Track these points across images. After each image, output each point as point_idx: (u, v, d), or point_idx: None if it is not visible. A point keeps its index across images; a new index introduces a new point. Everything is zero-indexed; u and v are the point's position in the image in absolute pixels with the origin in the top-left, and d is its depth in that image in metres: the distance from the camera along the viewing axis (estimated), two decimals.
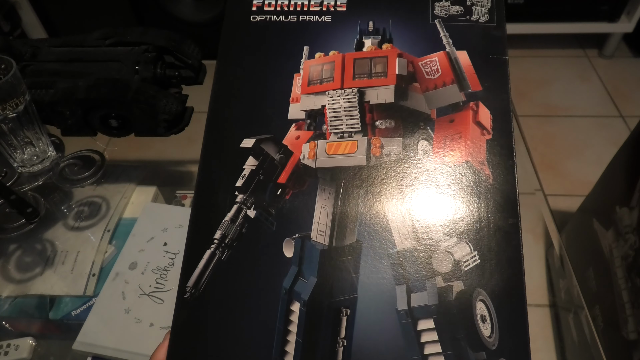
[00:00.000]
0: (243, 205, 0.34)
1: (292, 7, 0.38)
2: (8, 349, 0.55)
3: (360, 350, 0.31)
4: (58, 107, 0.67)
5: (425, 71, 0.35)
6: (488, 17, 0.37)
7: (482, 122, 0.34)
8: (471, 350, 0.30)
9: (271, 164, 0.35)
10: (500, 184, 0.33)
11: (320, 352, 0.32)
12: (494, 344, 0.30)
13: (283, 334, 0.32)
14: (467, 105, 0.35)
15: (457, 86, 0.35)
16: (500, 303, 0.31)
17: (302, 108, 0.36)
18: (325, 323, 0.32)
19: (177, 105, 0.68)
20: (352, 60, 0.35)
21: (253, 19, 0.38)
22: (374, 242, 0.32)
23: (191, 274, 0.32)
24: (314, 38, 0.37)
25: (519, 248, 0.31)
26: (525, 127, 1.73)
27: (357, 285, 0.32)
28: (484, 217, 0.32)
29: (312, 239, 0.33)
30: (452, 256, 0.31)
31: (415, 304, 0.31)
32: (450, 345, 0.30)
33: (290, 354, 0.32)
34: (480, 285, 0.31)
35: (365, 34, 0.37)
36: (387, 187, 0.33)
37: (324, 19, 0.38)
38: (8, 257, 0.62)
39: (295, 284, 0.32)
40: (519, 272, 0.31)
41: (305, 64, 0.36)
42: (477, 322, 0.30)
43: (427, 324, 0.31)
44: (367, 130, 0.34)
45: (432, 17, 0.37)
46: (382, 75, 0.34)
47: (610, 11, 1.83)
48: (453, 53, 0.35)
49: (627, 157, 0.95)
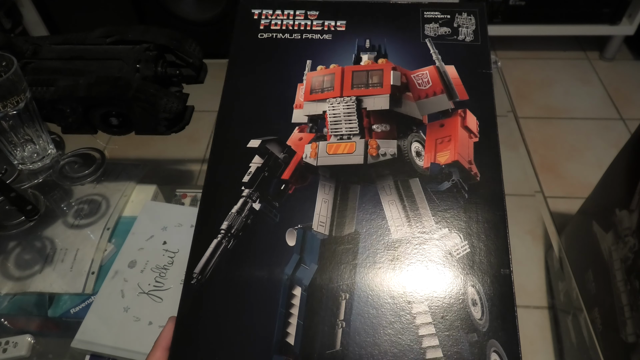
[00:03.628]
0: (249, 199, 0.37)
1: (296, 26, 0.43)
2: (7, 347, 0.55)
3: (358, 332, 0.33)
4: (59, 104, 0.67)
5: (417, 82, 0.39)
6: (473, 37, 0.42)
7: (470, 127, 0.38)
8: (463, 332, 0.32)
9: (276, 162, 0.38)
10: (487, 181, 0.36)
11: (320, 333, 0.34)
12: (485, 326, 0.32)
13: (285, 317, 0.34)
14: (456, 112, 0.38)
15: (446, 95, 0.39)
16: (490, 288, 0.33)
17: (305, 113, 0.39)
18: (325, 306, 0.34)
19: (178, 104, 0.68)
20: (350, 72, 0.39)
21: (260, 37, 0.43)
22: (371, 231, 0.35)
23: (198, 261, 0.35)
24: (316, 53, 0.41)
25: (505, 238, 0.34)
26: (526, 129, 1.73)
27: (355, 272, 0.34)
28: (472, 210, 0.35)
29: (314, 229, 0.36)
30: (443, 245, 0.34)
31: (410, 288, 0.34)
32: (443, 327, 0.32)
33: (292, 335, 0.34)
34: (471, 272, 0.33)
35: (362, 50, 0.41)
36: (382, 184, 0.36)
37: (325, 37, 0.42)
38: (7, 254, 0.62)
39: (297, 271, 0.35)
40: (506, 260, 0.34)
41: (308, 75, 0.40)
42: (468, 305, 0.33)
43: (422, 307, 0.33)
44: (365, 133, 0.38)
45: (423, 37, 0.42)
46: (378, 85, 0.38)
47: (612, 14, 1.83)
48: (442, 67, 0.40)
49: (628, 159, 0.95)
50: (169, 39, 0.71)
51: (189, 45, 0.73)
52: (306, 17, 0.43)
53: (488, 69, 0.40)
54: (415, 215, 0.35)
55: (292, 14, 0.43)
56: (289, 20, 0.43)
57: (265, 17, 0.44)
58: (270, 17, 0.43)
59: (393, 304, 0.33)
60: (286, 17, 0.43)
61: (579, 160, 1.63)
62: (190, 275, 0.34)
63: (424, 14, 0.43)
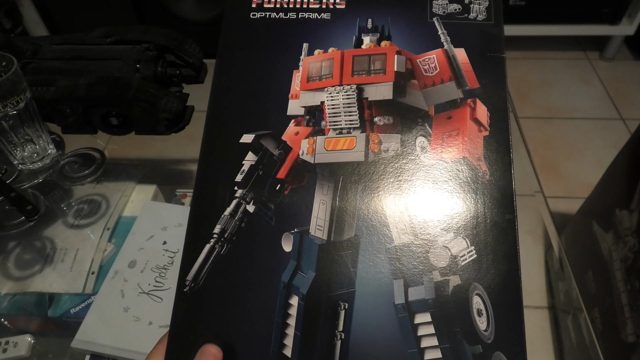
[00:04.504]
0: (242, 200, 0.34)
1: (291, 4, 0.39)
2: (7, 347, 0.55)
3: (358, 344, 0.31)
4: (59, 104, 0.67)
5: (424, 68, 0.35)
6: (486, 15, 0.38)
7: (480, 119, 0.34)
8: (467, 343, 0.30)
9: (270, 159, 0.35)
10: (497, 180, 0.33)
11: (318, 345, 0.32)
12: (490, 338, 0.30)
13: (282, 328, 0.32)
14: (465, 102, 0.35)
15: (454, 83, 0.35)
16: (497, 297, 0.31)
17: (301, 104, 0.36)
18: (324, 317, 0.32)
19: (178, 104, 0.68)
20: (350, 57, 0.35)
21: (253, 16, 0.39)
22: (372, 237, 0.32)
23: (190, 267, 0.33)
24: (313, 35, 0.37)
25: (515, 243, 0.32)
26: (526, 129, 1.72)
27: (355, 280, 0.32)
28: (480, 212, 0.32)
29: (311, 233, 0.33)
30: (449, 251, 0.32)
31: (412, 298, 0.31)
32: (446, 338, 0.31)
33: (289, 347, 0.32)
34: (477, 279, 0.31)
35: (364, 32, 0.37)
36: (385, 183, 0.33)
37: (323, 16, 0.38)
38: (7, 254, 0.62)
39: (293, 278, 0.33)
40: (515, 267, 0.31)
41: (305, 60, 0.37)
42: (473, 316, 0.31)
43: (424, 318, 0.31)
44: (366, 126, 0.35)
45: (431, 15, 0.37)
46: (381, 72, 0.35)
47: (612, 14, 1.83)
48: (451, 50, 0.36)
49: (627, 159, 0.95)
50: (169, 39, 0.71)
51: (189, 45, 0.73)
52: None
53: (501, 53, 0.36)
54: (420, 219, 0.33)
55: None
56: None
57: None
58: None
59: (394, 314, 0.31)
60: None
61: (579, 160, 1.63)
62: (182, 282, 0.32)
63: None
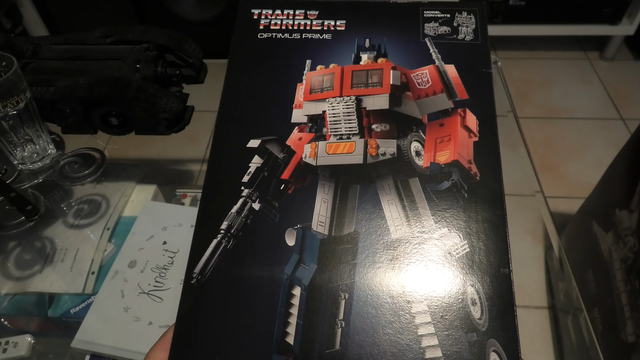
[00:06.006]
0: (248, 199, 0.37)
1: (296, 26, 0.43)
2: (7, 347, 0.55)
3: (357, 332, 0.33)
4: (59, 104, 0.67)
5: (417, 82, 0.39)
6: (473, 36, 0.42)
7: (469, 126, 0.38)
8: (462, 331, 0.32)
9: (275, 162, 0.38)
10: (487, 181, 0.36)
11: (319, 333, 0.34)
12: (484, 326, 0.32)
13: (284, 317, 0.34)
14: (455, 111, 0.38)
15: (445, 95, 0.39)
16: (489, 288, 0.33)
17: (305, 113, 0.39)
18: (325, 306, 0.34)
19: (178, 104, 0.68)
20: (350, 72, 0.39)
21: (260, 37, 0.43)
22: (370, 231, 0.35)
23: (198, 261, 0.35)
24: (316, 53, 0.41)
25: (505, 238, 0.34)
26: (526, 129, 1.73)
27: (354, 271, 0.34)
28: (472, 209, 0.35)
29: (313, 229, 0.36)
30: (443, 244, 0.34)
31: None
32: (442, 326, 0.33)
33: (292, 334, 0.34)
34: (471, 271, 0.33)
35: (362, 50, 0.41)
36: (381, 183, 0.36)
37: (325, 36, 0.42)
38: (7, 254, 0.62)
39: (296, 270, 0.35)
40: (505, 259, 0.34)
41: (308, 75, 0.40)
42: (467, 305, 0.33)
43: (421, 307, 0.33)
44: (364, 132, 0.38)
45: (423, 36, 0.42)
46: (378, 85, 0.38)
47: (612, 14, 1.83)
48: (442, 66, 0.40)
49: (628, 159, 0.95)
50: (169, 39, 0.71)
51: (189, 45, 0.73)
52: (306, 16, 0.44)
53: (488, 68, 0.40)
54: (415, 215, 0.35)
55: (292, 13, 0.44)
56: (288, 20, 0.44)
57: (265, 17, 0.44)
58: (270, 17, 0.44)
59: (392, 304, 0.33)
60: (286, 16, 0.44)
61: (579, 160, 1.63)
62: (190, 275, 0.35)
63: (424, 13, 0.43)
